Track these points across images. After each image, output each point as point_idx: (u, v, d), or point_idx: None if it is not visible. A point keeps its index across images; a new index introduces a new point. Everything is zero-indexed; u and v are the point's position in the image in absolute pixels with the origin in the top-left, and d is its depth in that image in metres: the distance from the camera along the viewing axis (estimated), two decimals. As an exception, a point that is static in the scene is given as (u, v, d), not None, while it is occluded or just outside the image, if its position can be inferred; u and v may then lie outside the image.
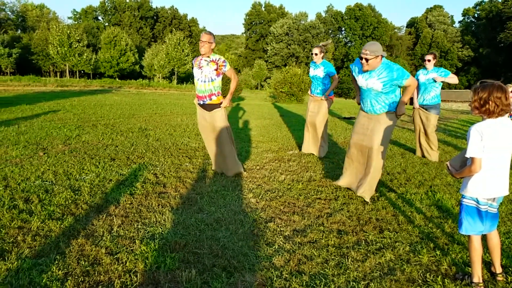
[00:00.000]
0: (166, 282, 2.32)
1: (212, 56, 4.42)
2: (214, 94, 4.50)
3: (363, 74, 3.95)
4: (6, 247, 2.63)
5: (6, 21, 69.72)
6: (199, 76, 4.46)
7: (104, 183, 4.16)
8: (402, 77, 3.76)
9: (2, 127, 7.24)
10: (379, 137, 3.93)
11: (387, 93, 3.88)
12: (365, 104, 4.10)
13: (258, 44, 79.23)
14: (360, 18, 69.38)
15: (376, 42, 3.78)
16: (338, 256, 2.78)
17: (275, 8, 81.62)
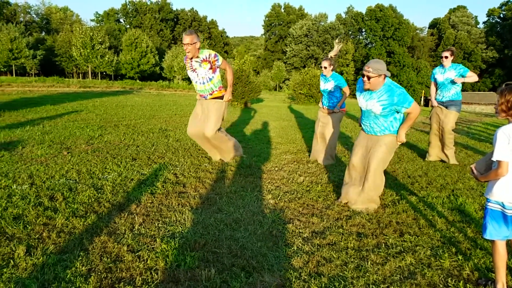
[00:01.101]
0: (186, 280, 2.35)
1: (201, 55, 4.19)
2: (215, 91, 4.41)
3: (364, 94, 3.75)
4: (32, 243, 2.71)
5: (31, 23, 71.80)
6: (196, 79, 4.31)
7: (125, 182, 4.24)
8: (402, 104, 3.50)
9: (28, 127, 7.45)
10: (378, 156, 3.70)
11: (385, 116, 3.66)
12: (366, 125, 3.88)
13: (277, 46, 79.24)
14: (381, 19, 68.58)
15: (381, 60, 3.58)
16: (358, 259, 2.76)
17: (294, 10, 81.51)
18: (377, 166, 3.70)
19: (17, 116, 9.11)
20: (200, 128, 4.40)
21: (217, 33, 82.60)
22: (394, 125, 3.71)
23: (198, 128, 4.41)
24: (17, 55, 47.63)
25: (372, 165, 3.71)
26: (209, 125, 4.30)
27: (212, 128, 4.32)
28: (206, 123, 4.33)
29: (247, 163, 5.48)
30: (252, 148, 6.78)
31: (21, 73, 53.59)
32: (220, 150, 4.64)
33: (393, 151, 3.80)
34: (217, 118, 4.33)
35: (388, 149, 3.73)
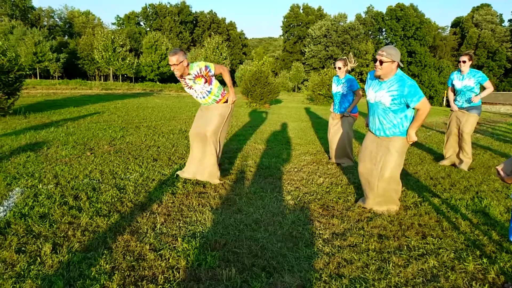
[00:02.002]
0: (207, 279, 2.38)
1: (192, 71, 3.98)
2: (219, 100, 4.25)
3: (374, 84, 3.62)
4: (58, 241, 2.78)
5: (55, 27, 73.72)
6: (195, 95, 4.19)
7: (147, 183, 4.31)
8: (413, 96, 3.33)
9: (52, 128, 7.65)
10: (390, 165, 3.59)
11: (395, 111, 3.48)
12: (373, 123, 3.72)
13: (296, 46, 79.04)
14: (402, 18, 67.56)
15: (394, 47, 3.45)
16: (379, 261, 2.74)
17: (313, 10, 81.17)
18: (391, 174, 3.61)
19: (42, 118, 9.36)
20: (202, 128, 4.26)
21: (235, 34, 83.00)
22: (405, 124, 3.53)
23: (200, 128, 4.28)
24: (41, 58, 48.92)
25: (386, 174, 3.60)
26: (210, 125, 4.18)
27: (213, 127, 4.17)
28: (208, 124, 4.21)
29: (266, 164, 5.50)
30: (271, 149, 6.79)
31: (45, 76, 55.05)
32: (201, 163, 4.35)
33: (404, 154, 3.67)
34: (220, 121, 4.20)
35: (400, 154, 3.60)
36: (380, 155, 3.65)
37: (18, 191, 3.78)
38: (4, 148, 5.63)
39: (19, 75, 9.74)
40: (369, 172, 3.74)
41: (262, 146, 7.06)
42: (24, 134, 6.85)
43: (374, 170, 3.69)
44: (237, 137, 7.93)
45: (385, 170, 3.60)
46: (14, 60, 9.57)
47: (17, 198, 3.58)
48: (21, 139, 6.33)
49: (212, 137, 4.23)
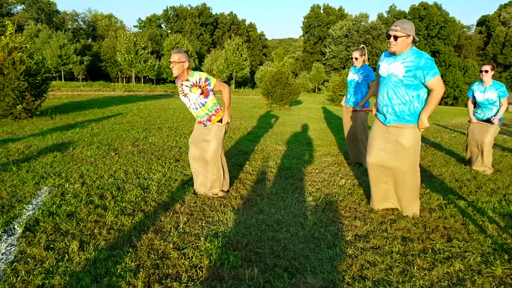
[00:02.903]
0: (230, 279, 2.40)
1: (191, 79, 3.83)
2: (212, 115, 3.98)
3: (387, 59, 3.43)
4: (85, 239, 2.86)
5: (79, 30, 75.54)
6: (189, 104, 4.00)
7: (170, 183, 4.37)
8: (428, 69, 3.12)
9: (77, 129, 7.85)
10: (404, 160, 3.42)
11: (407, 87, 3.26)
12: (382, 98, 3.47)
13: (316, 47, 78.66)
14: (425, 17, 66.30)
15: (409, 21, 3.25)
16: (403, 264, 2.70)
17: (334, 10, 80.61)
18: (408, 167, 3.43)
19: (67, 119, 9.61)
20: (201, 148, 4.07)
21: (255, 36, 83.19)
22: (415, 104, 3.30)
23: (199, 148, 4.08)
24: (66, 61, 50.16)
25: (402, 167, 3.44)
26: (210, 147, 3.98)
27: (213, 149, 3.97)
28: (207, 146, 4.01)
29: (287, 165, 5.49)
30: (292, 150, 6.77)
31: (70, 78, 56.46)
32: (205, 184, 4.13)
33: (419, 143, 3.43)
34: (218, 140, 3.99)
35: (414, 145, 3.39)
36: (389, 148, 3.47)
37: (46, 190, 3.89)
38: (32, 148, 5.81)
39: (46, 77, 10.03)
40: (380, 163, 3.56)
41: (283, 147, 7.05)
42: (50, 134, 7.04)
43: (386, 162, 3.52)
44: (257, 138, 7.95)
45: (398, 164, 3.45)
46: (41, 63, 9.87)
47: (45, 196, 3.69)
48: (48, 140, 6.52)
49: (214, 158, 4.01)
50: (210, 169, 4.01)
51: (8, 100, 8.85)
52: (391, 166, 3.50)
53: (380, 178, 3.66)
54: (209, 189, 4.08)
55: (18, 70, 8.89)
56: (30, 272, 2.36)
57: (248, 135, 8.32)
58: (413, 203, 3.62)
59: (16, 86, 8.88)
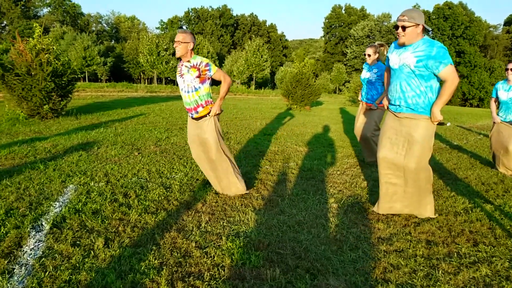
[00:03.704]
0: (252, 278, 2.40)
1: (193, 60, 3.74)
2: (200, 105, 3.84)
3: (398, 50, 3.26)
4: (110, 236, 2.91)
5: (102, 32, 77.15)
6: (182, 86, 3.88)
7: (191, 182, 4.42)
8: (441, 59, 2.94)
9: (101, 129, 8.01)
10: (415, 155, 3.22)
11: (420, 77, 3.10)
12: (394, 91, 3.30)
13: (337, 48, 78.04)
14: (450, 17, 64.81)
15: (417, 9, 3.09)
16: (427, 267, 2.65)
17: (356, 10, 79.80)
18: (418, 163, 3.24)
19: (92, 119, 9.82)
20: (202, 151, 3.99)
21: (276, 36, 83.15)
22: (429, 95, 3.13)
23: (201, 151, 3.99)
24: (90, 62, 51.23)
25: (411, 165, 3.25)
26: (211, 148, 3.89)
27: (214, 149, 3.89)
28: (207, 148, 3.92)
29: (308, 166, 5.47)
30: (312, 151, 6.74)
31: (93, 79, 57.65)
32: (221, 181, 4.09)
33: (432, 137, 3.24)
34: (214, 137, 3.87)
35: (426, 139, 3.20)
36: (402, 143, 3.29)
37: (72, 188, 3.99)
38: (58, 147, 5.96)
39: (72, 78, 10.28)
40: (392, 160, 3.37)
41: (304, 148, 7.03)
42: (76, 134, 7.22)
43: (397, 158, 3.33)
44: (277, 139, 7.94)
45: (409, 160, 3.25)
46: (67, 64, 10.12)
47: (71, 194, 3.78)
48: (74, 139, 6.68)
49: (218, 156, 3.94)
50: (219, 166, 3.95)
51: (35, 100, 9.12)
52: (402, 163, 3.30)
53: (390, 178, 3.48)
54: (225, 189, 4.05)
55: (45, 71, 9.14)
56: (57, 268, 2.43)
57: (268, 136, 8.32)
58: (426, 206, 3.49)
59: (43, 87, 9.13)
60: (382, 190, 3.57)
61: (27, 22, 58.91)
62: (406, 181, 3.40)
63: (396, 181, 3.46)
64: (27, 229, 2.94)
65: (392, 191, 3.51)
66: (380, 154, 3.44)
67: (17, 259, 2.52)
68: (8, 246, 2.68)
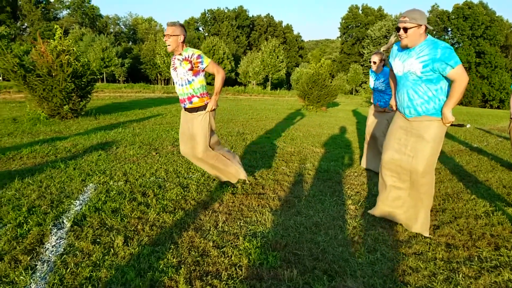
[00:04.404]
0: (269, 279, 2.40)
1: (184, 53, 3.67)
2: (195, 96, 3.82)
3: (400, 54, 3.14)
4: (129, 234, 2.96)
5: (120, 34, 78.26)
6: (176, 79, 3.85)
7: (208, 182, 4.44)
8: (448, 60, 2.80)
9: (120, 129, 8.13)
10: (424, 156, 3.07)
11: (428, 82, 2.96)
12: (402, 100, 3.18)
13: (354, 48, 77.41)
14: (470, 17, 63.61)
15: (419, 9, 2.95)
16: (447, 271, 2.61)
17: (373, 11, 79.02)
18: (426, 166, 3.08)
19: (110, 119, 9.98)
20: (190, 148, 3.95)
21: (292, 37, 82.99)
22: (440, 97, 2.99)
23: (189, 148, 3.96)
24: (108, 63, 52.01)
25: (419, 167, 3.08)
26: (197, 147, 3.85)
27: (201, 148, 3.84)
28: (194, 144, 3.87)
29: (324, 168, 5.44)
30: (329, 153, 6.70)
31: (111, 80, 58.52)
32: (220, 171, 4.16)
33: (442, 140, 3.09)
34: (204, 135, 3.84)
35: (436, 141, 3.05)
36: (412, 143, 3.14)
37: (91, 186, 4.06)
38: (78, 147, 6.07)
39: (91, 79, 10.46)
40: (397, 162, 3.23)
41: (320, 149, 6.99)
42: (95, 134, 7.34)
43: (404, 159, 3.18)
44: (294, 140, 7.92)
45: (418, 162, 3.09)
46: (86, 65, 10.30)
47: (91, 193, 3.85)
48: (93, 139, 6.79)
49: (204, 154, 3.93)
50: (206, 166, 3.98)
51: (56, 100, 9.31)
52: (409, 165, 3.15)
53: (394, 181, 3.34)
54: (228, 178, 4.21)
55: (65, 72, 9.32)
56: (78, 265, 2.47)
57: (284, 137, 8.31)
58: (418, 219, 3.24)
59: (64, 87, 9.32)
60: (383, 194, 3.45)
61: (47, 24, 60.23)
62: (412, 185, 3.24)
63: (401, 185, 3.32)
64: (49, 227, 3.01)
65: (395, 195, 3.37)
66: (386, 156, 3.31)
67: (40, 256, 2.58)
68: (30, 242, 2.74)
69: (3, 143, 6.14)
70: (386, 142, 3.35)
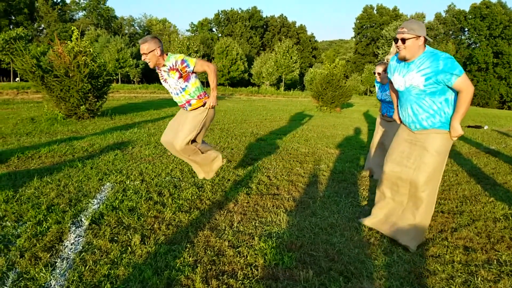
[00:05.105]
0: (285, 279, 2.41)
1: (167, 62, 3.55)
2: (193, 99, 3.75)
3: (399, 69, 3.00)
4: (146, 233, 2.99)
5: (135, 35, 79.07)
6: (170, 90, 3.78)
7: (223, 182, 4.46)
8: (451, 70, 2.66)
9: (135, 129, 8.22)
10: (426, 169, 2.89)
11: (432, 95, 2.82)
12: (406, 115, 3.03)
13: (368, 49, 76.80)
14: (487, 16, 62.46)
15: (417, 21, 2.83)
16: (466, 274, 2.57)
17: (388, 11, 78.26)
18: (428, 179, 2.91)
19: (126, 120, 10.10)
20: (172, 137, 3.83)
21: (305, 38, 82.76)
22: (446, 110, 2.84)
23: (170, 137, 3.85)
24: (123, 64, 52.55)
25: (420, 179, 2.91)
26: (179, 135, 3.73)
27: (181, 138, 3.72)
28: (177, 133, 3.75)
29: (339, 169, 5.41)
30: (344, 154, 6.67)
31: (126, 81, 59.16)
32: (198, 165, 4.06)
33: (447, 154, 2.94)
34: (191, 127, 3.72)
35: (441, 155, 2.89)
36: (415, 155, 2.98)
37: (108, 186, 4.12)
38: (94, 146, 6.17)
39: (107, 79, 10.60)
40: (398, 174, 3.06)
41: (335, 150, 6.96)
42: (111, 134, 7.44)
43: (405, 171, 3.01)
44: (308, 141, 7.90)
45: (419, 173, 2.92)
46: (102, 66, 10.45)
47: (108, 192, 3.91)
48: (109, 139, 6.89)
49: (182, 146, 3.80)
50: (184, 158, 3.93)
51: (73, 101, 9.46)
52: (409, 178, 2.99)
53: (393, 195, 3.17)
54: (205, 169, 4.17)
55: (82, 73, 9.47)
56: (96, 262, 2.51)
57: (298, 138, 8.29)
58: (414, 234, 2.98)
59: (80, 88, 9.47)
60: (379, 204, 3.28)
61: (63, 25, 61.20)
62: (410, 199, 3.06)
63: (399, 198, 3.14)
64: (67, 225, 3.06)
65: (391, 207, 3.20)
66: (387, 168, 3.16)
67: (59, 253, 2.62)
68: (50, 240, 2.80)
69: (22, 142, 6.27)
70: (389, 154, 3.21)
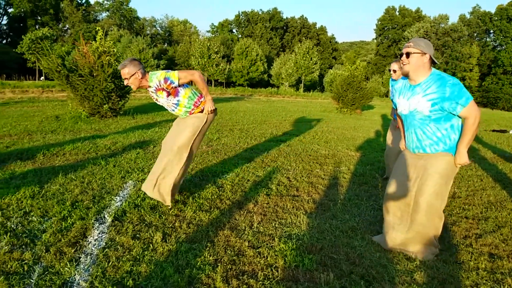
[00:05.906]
0: (305, 281, 2.39)
1: (151, 83, 3.40)
2: (192, 110, 3.61)
3: (403, 92, 2.88)
4: (167, 231, 3.03)
5: (156, 35, 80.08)
6: (165, 107, 3.67)
7: (243, 183, 4.48)
8: (458, 98, 2.54)
9: (156, 128, 8.34)
10: (427, 190, 2.72)
11: (437, 121, 2.69)
12: (410, 140, 2.91)
13: (390, 50, 75.70)
14: (514, 18, 60.76)
15: (426, 39, 2.73)
16: (491, 281, 2.50)
17: (410, 12, 77.01)
18: (429, 203, 2.73)
19: (147, 119, 10.25)
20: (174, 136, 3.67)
21: (325, 39, 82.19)
22: (452, 136, 2.72)
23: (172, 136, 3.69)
24: (144, 64, 53.25)
25: (422, 202, 2.75)
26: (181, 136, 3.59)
27: (183, 139, 3.56)
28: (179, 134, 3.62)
29: (360, 171, 5.36)
30: (365, 156, 6.59)
31: (148, 80, 59.92)
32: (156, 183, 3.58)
33: (451, 180, 2.77)
34: (191, 134, 3.57)
35: (444, 178, 2.72)
36: (415, 177, 2.83)
37: (131, 183, 4.19)
38: (117, 145, 6.27)
39: (130, 79, 10.76)
40: (401, 193, 2.90)
41: (355, 153, 6.89)
42: (133, 133, 7.56)
43: (407, 196, 2.86)
44: (328, 143, 7.85)
45: (420, 196, 2.76)
46: (126, 66, 10.61)
47: (130, 190, 3.97)
48: (131, 137, 7.00)
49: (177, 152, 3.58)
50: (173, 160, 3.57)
51: (96, 100, 9.66)
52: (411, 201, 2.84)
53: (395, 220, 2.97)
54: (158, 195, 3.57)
55: (106, 73, 9.66)
56: (119, 259, 2.56)
57: (318, 139, 8.25)
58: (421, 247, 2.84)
59: (104, 87, 9.66)
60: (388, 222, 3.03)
61: (87, 25, 62.46)
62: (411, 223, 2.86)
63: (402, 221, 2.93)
64: (91, 221, 3.13)
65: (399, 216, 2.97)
66: (389, 189, 3.01)
67: (83, 249, 2.68)
68: (74, 236, 2.86)
69: (47, 140, 6.44)
70: (393, 174, 3.06)
